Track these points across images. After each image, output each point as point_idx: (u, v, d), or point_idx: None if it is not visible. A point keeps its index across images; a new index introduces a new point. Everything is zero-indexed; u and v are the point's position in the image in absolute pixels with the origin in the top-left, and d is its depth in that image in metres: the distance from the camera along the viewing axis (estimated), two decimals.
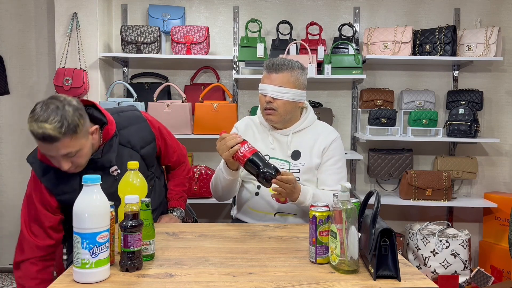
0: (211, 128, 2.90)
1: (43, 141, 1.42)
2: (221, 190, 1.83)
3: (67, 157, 1.48)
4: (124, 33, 2.97)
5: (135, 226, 1.19)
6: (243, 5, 3.24)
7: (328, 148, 1.86)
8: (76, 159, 1.50)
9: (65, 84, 2.88)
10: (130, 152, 1.72)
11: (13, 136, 3.27)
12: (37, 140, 1.44)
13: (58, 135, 1.40)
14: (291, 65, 1.80)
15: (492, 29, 2.96)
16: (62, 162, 1.48)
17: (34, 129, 1.41)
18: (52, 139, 1.41)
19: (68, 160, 1.49)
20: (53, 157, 1.49)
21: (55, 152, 1.45)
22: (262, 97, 1.82)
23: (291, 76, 1.80)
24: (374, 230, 1.18)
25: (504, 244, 2.97)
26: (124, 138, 1.70)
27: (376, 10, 3.26)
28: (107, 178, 1.61)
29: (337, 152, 1.88)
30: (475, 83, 3.23)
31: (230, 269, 1.23)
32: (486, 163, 3.27)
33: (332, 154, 1.87)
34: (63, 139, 1.42)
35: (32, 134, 1.43)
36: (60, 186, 1.60)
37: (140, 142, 1.75)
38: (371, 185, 3.32)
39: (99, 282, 1.13)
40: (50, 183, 1.60)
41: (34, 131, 1.41)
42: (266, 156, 1.86)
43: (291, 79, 1.80)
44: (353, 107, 3.26)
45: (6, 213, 3.29)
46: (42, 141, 1.42)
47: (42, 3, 3.22)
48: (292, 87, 1.80)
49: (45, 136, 1.40)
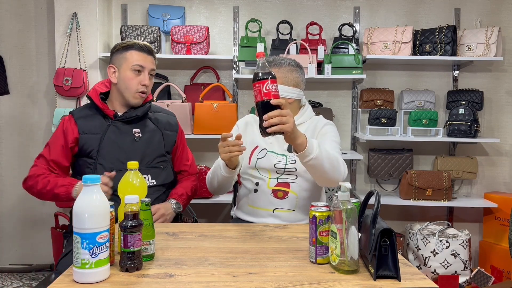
0: (211, 128, 2.90)
1: (146, 51, 1.88)
2: (217, 184, 1.86)
3: (149, 75, 1.90)
4: (124, 33, 2.97)
5: (135, 226, 1.19)
6: (243, 5, 3.24)
7: (321, 129, 1.88)
8: (151, 80, 1.92)
9: (65, 84, 2.89)
10: (155, 128, 1.99)
11: (13, 136, 3.27)
12: (140, 50, 1.87)
13: (152, 51, 1.92)
14: (279, 63, 1.85)
15: (492, 29, 2.96)
16: (147, 76, 1.89)
17: (139, 42, 1.90)
18: (150, 51, 1.90)
19: (148, 77, 1.89)
20: (142, 68, 1.87)
21: (148, 62, 1.88)
22: None
23: (278, 72, 1.82)
24: (374, 230, 1.18)
25: (504, 244, 2.97)
26: (154, 117, 2.01)
27: (376, 10, 3.26)
28: (128, 137, 1.90)
29: (330, 129, 1.88)
30: (475, 83, 3.23)
31: (230, 269, 1.23)
32: (486, 163, 3.27)
33: (325, 131, 1.87)
34: (152, 57, 1.91)
35: (136, 46, 1.87)
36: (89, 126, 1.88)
37: (166, 125, 2.02)
38: (371, 185, 3.32)
39: (99, 282, 1.13)
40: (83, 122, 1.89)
41: (140, 43, 1.89)
42: (264, 150, 1.88)
43: (285, 75, 1.84)
44: (353, 107, 3.26)
45: (6, 213, 3.29)
46: (145, 51, 1.88)
47: (42, 3, 3.22)
48: (287, 84, 1.84)
49: (147, 46, 1.89)
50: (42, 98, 3.26)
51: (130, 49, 1.87)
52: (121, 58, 1.89)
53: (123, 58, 1.88)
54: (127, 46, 1.88)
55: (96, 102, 1.90)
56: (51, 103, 3.20)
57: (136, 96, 1.90)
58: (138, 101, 1.92)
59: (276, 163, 1.85)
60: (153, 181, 1.92)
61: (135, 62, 1.86)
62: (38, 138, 3.27)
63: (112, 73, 1.91)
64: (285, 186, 1.85)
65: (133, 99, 1.90)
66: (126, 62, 1.87)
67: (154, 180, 1.92)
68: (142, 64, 1.87)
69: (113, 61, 1.92)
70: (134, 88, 1.88)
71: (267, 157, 1.87)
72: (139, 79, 1.87)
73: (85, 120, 1.89)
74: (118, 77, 1.90)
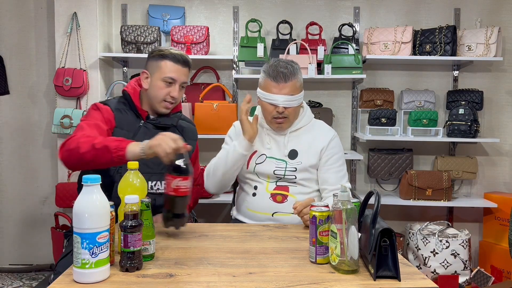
0: (211, 128, 2.90)
1: (181, 62, 1.82)
2: (221, 174, 1.84)
3: (180, 87, 1.84)
4: (124, 33, 2.97)
5: (135, 226, 1.19)
6: (243, 5, 3.24)
7: (326, 147, 1.87)
8: (181, 92, 1.86)
9: (65, 84, 2.88)
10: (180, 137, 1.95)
11: (13, 136, 3.27)
12: (175, 61, 1.80)
13: (188, 62, 1.85)
14: (295, 71, 1.81)
15: (492, 29, 2.96)
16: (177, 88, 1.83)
17: (176, 52, 1.83)
18: (186, 62, 1.83)
19: (178, 90, 1.83)
20: (174, 81, 1.81)
21: (181, 75, 1.82)
22: (269, 106, 1.81)
23: (297, 82, 1.81)
24: (374, 230, 1.18)
25: (504, 244, 2.97)
26: (179, 125, 1.97)
27: (376, 10, 3.26)
28: None
29: (336, 150, 1.89)
30: (475, 83, 3.23)
31: (230, 269, 1.23)
32: (486, 163, 3.27)
33: (331, 152, 1.88)
34: (187, 68, 1.85)
35: (172, 56, 1.80)
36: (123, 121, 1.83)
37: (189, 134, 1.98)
38: (371, 185, 3.32)
39: (99, 282, 1.13)
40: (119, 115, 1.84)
41: (176, 53, 1.82)
42: (263, 156, 1.86)
43: (297, 84, 1.82)
44: (353, 107, 3.26)
45: (6, 213, 3.29)
46: (181, 62, 1.82)
47: (42, 3, 3.22)
48: (299, 91, 1.83)
49: (183, 57, 1.83)
50: (42, 98, 3.26)
51: (166, 59, 1.80)
52: (155, 66, 1.83)
53: (157, 66, 1.82)
54: (164, 55, 1.81)
55: (134, 100, 1.85)
56: (51, 103, 3.20)
57: (163, 105, 1.84)
58: (164, 111, 1.86)
59: (275, 169, 1.84)
60: None
61: (168, 74, 1.80)
62: (38, 138, 3.27)
63: (145, 78, 1.86)
64: (284, 190, 1.84)
65: (160, 107, 1.85)
66: (159, 71, 1.81)
67: None
68: (174, 77, 1.80)
69: (147, 67, 1.86)
70: (161, 98, 1.82)
71: (266, 163, 1.85)
72: (168, 90, 1.81)
73: (121, 113, 1.84)
74: (149, 83, 1.84)
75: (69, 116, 2.87)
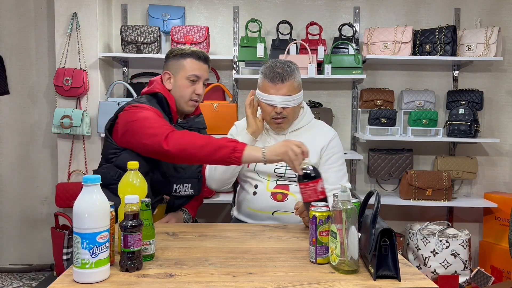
0: (211, 128, 2.88)
1: (203, 59, 1.85)
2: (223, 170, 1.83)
3: (203, 84, 1.87)
4: (124, 33, 2.97)
5: (135, 226, 1.19)
6: (243, 5, 3.24)
7: (327, 146, 1.88)
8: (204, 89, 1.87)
9: (65, 84, 2.88)
10: None
11: (13, 136, 3.27)
12: (197, 59, 1.83)
13: (208, 58, 1.88)
14: (292, 71, 1.81)
15: (492, 29, 2.96)
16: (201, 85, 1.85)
17: (196, 49, 1.85)
18: (207, 59, 1.87)
19: (202, 86, 1.86)
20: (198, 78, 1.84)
21: (204, 72, 1.86)
22: (268, 107, 1.82)
23: (295, 82, 1.81)
24: (374, 230, 1.18)
25: (504, 244, 2.97)
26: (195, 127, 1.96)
27: (376, 10, 3.26)
28: None
29: (336, 150, 1.90)
30: (475, 83, 3.23)
31: (230, 269, 1.23)
32: (486, 163, 3.27)
33: (332, 152, 1.89)
34: (207, 65, 1.88)
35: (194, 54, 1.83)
36: None
37: None
38: (371, 185, 3.32)
39: (99, 282, 1.13)
40: None
41: (196, 50, 1.84)
42: None
43: (295, 84, 1.82)
44: (353, 107, 3.26)
45: (6, 213, 3.29)
46: (202, 59, 1.84)
47: (42, 3, 3.22)
48: (297, 91, 1.83)
49: (204, 54, 1.85)
50: (42, 98, 3.26)
51: (188, 57, 1.82)
52: (178, 66, 1.83)
53: (180, 65, 1.83)
54: (185, 53, 1.83)
55: (170, 104, 1.83)
56: (51, 103, 3.20)
57: (189, 104, 1.86)
58: (190, 109, 1.88)
59: (276, 167, 1.84)
60: (191, 191, 1.91)
61: (192, 72, 1.82)
62: (38, 138, 3.27)
63: (167, 79, 1.86)
64: (284, 189, 1.84)
65: (186, 106, 1.86)
66: (183, 70, 1.82)
67: (192, 190, 1.91)
68: (198, 74, 1.83)
69: (169, 67, 1.86)
70: (188, 97, 1.84)
71: None
72: (193, 88, 1.84)
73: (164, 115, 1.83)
74: (173, 84, 1.85)
75: (69, 116, 2.87)
